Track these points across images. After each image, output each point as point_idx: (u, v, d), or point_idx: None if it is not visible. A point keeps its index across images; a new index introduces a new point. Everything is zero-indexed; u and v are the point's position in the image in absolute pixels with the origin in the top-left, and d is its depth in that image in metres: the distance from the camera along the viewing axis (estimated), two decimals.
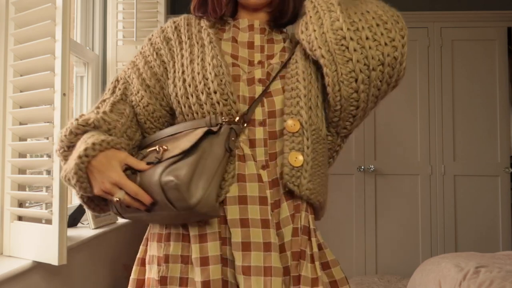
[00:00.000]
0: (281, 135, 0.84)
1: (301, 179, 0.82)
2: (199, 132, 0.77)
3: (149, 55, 0.94)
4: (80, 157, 0.74)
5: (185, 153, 0.74)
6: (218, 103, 0.81)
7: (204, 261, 0.78)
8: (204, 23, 0.94)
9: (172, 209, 0.73)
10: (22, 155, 1.45)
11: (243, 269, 0.76)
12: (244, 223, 0.78)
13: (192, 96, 0.84)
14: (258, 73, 0.88)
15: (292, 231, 0.81)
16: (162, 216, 0.78)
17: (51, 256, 1.29)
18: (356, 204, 2.75)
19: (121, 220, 2.19)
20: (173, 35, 0.93)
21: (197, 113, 0.83)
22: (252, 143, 0.84)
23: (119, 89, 0.94)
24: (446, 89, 2.78)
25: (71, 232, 1.81)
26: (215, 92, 0.81)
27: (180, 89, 0.86)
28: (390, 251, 2.75)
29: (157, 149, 0.78)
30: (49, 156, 1.37)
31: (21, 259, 1.34)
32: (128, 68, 0.96)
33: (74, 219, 1.96)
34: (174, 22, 0.96)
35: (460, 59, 2.79)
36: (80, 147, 0.76)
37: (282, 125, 0.84)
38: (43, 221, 1.39)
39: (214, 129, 0.78)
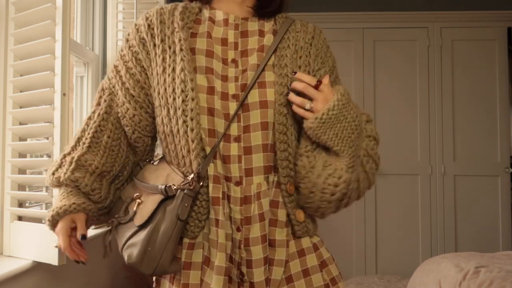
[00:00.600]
0: (257, 150, 0.84)
1: (307, 227, 0.88)
2: (155, 203, 0.82)
3: (128, 61, 0.91)
4: (49, 220, 0.88)
5: (141, 227, 0.82)
6: (185, 122, 0.82)
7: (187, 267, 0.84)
8: (176, 19, 0.89)
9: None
10: (22, 155, 1.45)
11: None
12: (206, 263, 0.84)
13: (164, 108, 0.85)
14: (232, 88, 0.85)
15: (263, 249, 0.82)
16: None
17: (51, 256, 1.29)
18: (356, 204, 2.76)
19: None
20: (147, 36, 0.89)
21: (168, 125, 0.86)
22: (226, 159, 0.83)
23: (105, 100, 0.93)
24: (446, 89, 2.78)
25: None
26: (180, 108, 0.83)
27: (155, 99, 0.88)
28: (390, 251, 2.75)
29: (133, 207, 0.87)
30: (49, 156, 1.37)
31: (21, 259, 1.34)
32: (112, 77, 0.94)
33: None
34: (147, 19, 0.91)
35: (460, 59, 2.79)
36: (55, 205, 0.88)
37: (259, 140, 0.84)
38: (43, 221, 1.39)
39: (170, 194, 0.81)
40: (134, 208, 0.86)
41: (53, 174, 0.90)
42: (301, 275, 0.84)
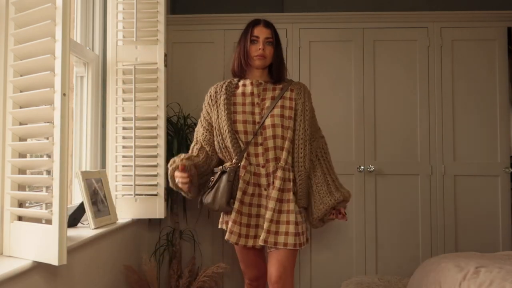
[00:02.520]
0: (271, 149, 1.78)
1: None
2: (217, 175, 1.79)
3: (205, 118, 1.91)
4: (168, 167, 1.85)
5: (212, 186, 1.78)
6: (231, 140, 1.78)
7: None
8: (223, 89, 1.86)
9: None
10: (22, 155, 1.45)
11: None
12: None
13: (218, 135, 1.83)
14: (256, 117, 1.79)
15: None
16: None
17: (51, 256, 1.29)
18: (356, 204, 2.75)
19: (121, 220, 2.19)
20: (211, 102, 1.88)
21: (223, 141, 1.81)
22: (255, 155, 1.78)
23: (198, 141, 1.90)
24: (446, 89, 2.78)
25: (71, 232, 1.80)
26: (228, 133, 1.79)
27: (214, 135, 1.86)
28: (390, 251, 2.75)
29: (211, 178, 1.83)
30: (49, 156, 1.37)
31: (21, 259, 1.34)
32: (200, 128, 1.92)
33: (74, 219, 1.96)
34: (210, 92, 1.92)
35: (460, 59, 2.79)
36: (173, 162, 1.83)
37: (272, 144, 1.77)
38: (43, 221, 1.39)
39: (224, 170, 1.78)
40: (211, 183, 1.80)
41: (171, 166, 1.82)
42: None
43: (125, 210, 2.27)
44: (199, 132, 1.90)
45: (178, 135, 2.59)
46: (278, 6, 3.28)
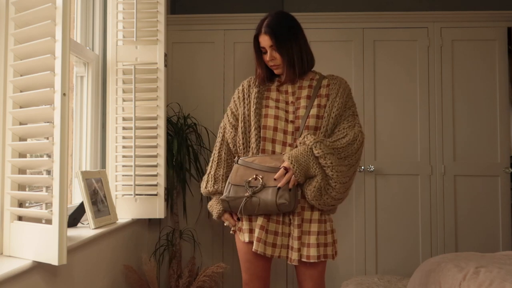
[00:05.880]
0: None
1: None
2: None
3: (232, 113, 1.77)
4: (214, 216, 1.75)
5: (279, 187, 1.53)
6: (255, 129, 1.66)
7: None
8: (256, 82, 1.73)
9: (277, 212, 1.55)
10: (22, 155, 1.45)
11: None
12: None
13: (242, 128, 1.71)
14: (290, 116, 1.65)
15: None
16: (261, 212, 1.57)
17: (51, 256, 1.29)
18: (356, 204, 2.75)
19: (121, 220, 2.19)
20: (241, 95, 1.75)
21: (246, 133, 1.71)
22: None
23: (224, 141, 1.79)
24: (446, 89, 2.78)
25: (71, 232, 1.80)
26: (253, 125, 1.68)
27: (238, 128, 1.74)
28: (390, 251, 2.75)
29: (256, 177, 1.56)
30: (49, 156, 1.37)
31: (21, 259, 1.34)
32: (227, 125, 1.78)
33: (74, 219, 1.96)
34: (243, 85, 1.78)
35: (460, 59, 2.79)
36: (213, 208, 1.75)
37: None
38: (43, 221, 1.39)
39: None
40: (261, 181, 1.55)
41: (206, 187, 1.76)
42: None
43: (125, 210, 2.27)
44: (226, 129, 1.77)
45: (178, 135, 2.59)
46: (278, 6, 3.28)
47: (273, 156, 1.60)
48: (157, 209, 2.30)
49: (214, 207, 1.73)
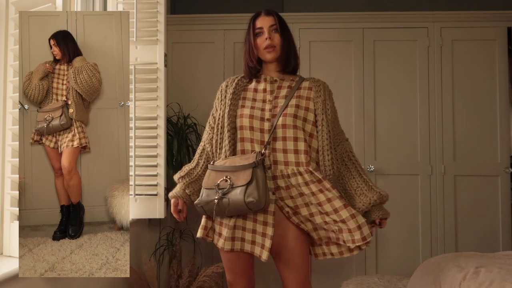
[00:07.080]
0: (280, 151, 1.58)
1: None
2: (251, 169, 1.46)
3: (212, 115, 1.75)
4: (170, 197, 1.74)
5: (248, 183, 1.44)
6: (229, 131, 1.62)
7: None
8: (233, 83, 1.69)
9: (248, 211, 1.46)
10: None
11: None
12: None
13: (217, 129, 1.69)
14: (267, 114, 1.59)
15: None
16: (232, 213, 1.50)
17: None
18: None
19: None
20: (220, 96, 1.71)
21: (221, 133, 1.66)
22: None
23: (202, 142, 1.77)
24: (446, 89, 2.78)
25: None
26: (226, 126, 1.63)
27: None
28: (390, 251, 2.75)
29: (225, 179, 1.48)
30: None
31: None
32: (207, 127, 1.77)
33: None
34: (221, 86, 1.74)
35: (460, 59, 2.79)
36: (174, 189, 1.75)
37: (282, 146, 1.57)
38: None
39: (256, 164, 1.47)
40: (229, 181, 1.47)
41: (176, 174, 1.75)
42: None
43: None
44: (205, 131, 1.76)
45: (178, 135, 2.59)
46: (278, 6, 3.28)
47: (242, 156, 1.55)
48: (157, 209, 2.30)
49: (175, 189, 1.73)
